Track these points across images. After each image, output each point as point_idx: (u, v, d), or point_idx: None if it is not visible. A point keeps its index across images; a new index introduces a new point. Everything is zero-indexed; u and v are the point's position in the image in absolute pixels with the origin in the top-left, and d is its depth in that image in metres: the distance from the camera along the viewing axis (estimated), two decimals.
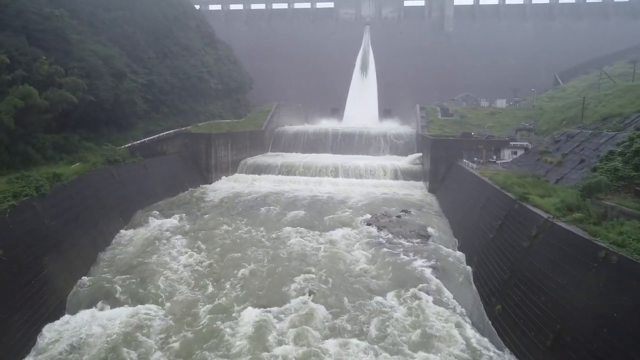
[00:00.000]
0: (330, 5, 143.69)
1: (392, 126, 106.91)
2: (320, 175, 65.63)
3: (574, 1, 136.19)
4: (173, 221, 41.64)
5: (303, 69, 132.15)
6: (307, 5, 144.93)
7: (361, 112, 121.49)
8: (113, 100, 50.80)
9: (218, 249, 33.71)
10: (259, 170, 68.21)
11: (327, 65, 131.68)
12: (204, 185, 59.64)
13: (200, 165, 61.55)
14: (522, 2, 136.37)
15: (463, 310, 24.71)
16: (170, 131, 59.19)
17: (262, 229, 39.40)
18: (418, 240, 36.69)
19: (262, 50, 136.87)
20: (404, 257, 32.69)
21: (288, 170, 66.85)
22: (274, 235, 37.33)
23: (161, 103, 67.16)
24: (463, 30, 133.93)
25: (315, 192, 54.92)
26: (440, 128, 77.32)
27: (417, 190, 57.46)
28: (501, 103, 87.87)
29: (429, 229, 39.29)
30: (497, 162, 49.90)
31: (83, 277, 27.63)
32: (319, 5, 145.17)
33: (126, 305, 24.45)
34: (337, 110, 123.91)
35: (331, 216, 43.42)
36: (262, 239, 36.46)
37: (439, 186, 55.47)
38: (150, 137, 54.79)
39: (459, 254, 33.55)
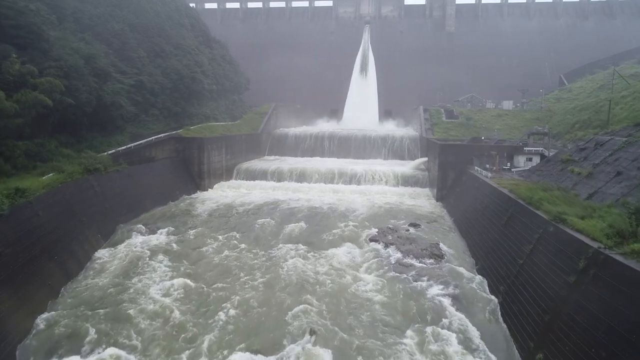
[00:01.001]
0: (329, 3, 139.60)
1: (394, 128, 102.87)
2: (320, 181, 61.60)
3: (578, 0, 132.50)
4: (159, 237, 37.38)
5: (301, 69, 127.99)
6: (305, 3, 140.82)
7: (361, 113, 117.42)
8: (96, 103, 46.45)
9: (206, 274, 29.45)
10: (254, 176, 64.01)
11: (325, 65, 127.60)
12: (195, 194, 55.41)
13: (192, 171, 57.27)
14: (525, 1, 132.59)
15: (494, 357, 20.56)
16: (159, 135, 54.89)
17: (256, 247, 35.17)
18: (431, 260, 32.54)
19: (259, 49, 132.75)
20: (418, 282, 28.53)
21: (285, 176, 62.72)
22: (269, 255, 33.11)
23: (151, 105, 62.76)
24: (465, 29, 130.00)
25: (314, 202, 50.73)
26: (445, 131, 73.36)
27: (424, 199, 53.32)
28: (508, 104, 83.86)
29: (442, 247, 35.14)
30: (512, 170, 45.81)
31: (42, 315, 23.29)
32: (317, 3, 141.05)
33: (91, 356, 20.17)
34: (336, 111, 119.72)
35: (333, 231, 39.20)
36: (256, 260, 32.22)
37: (447, 194, 51.37)
38: (137, 143, 50.49)
39: (478, 278, 29.39)
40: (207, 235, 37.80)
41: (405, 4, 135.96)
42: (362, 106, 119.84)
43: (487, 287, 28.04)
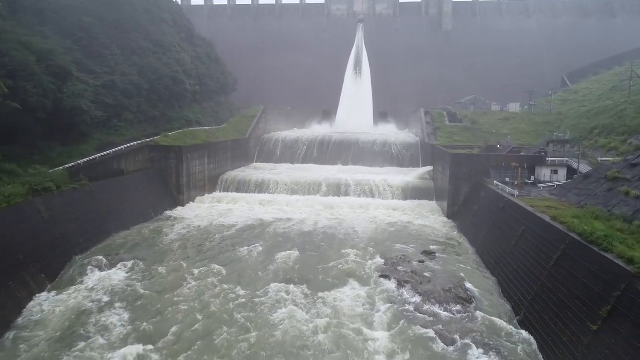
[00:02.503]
0: (321, 0, 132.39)
1: (391, 132, 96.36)
2: (314, 193, 54.68)
3: None
4: (119, 273, 30.10)
5: (292, 68, 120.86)
6: (296, 0, 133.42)
7: (355, 115, 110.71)
8: (52, 107, 39.04)
9: (173, 335, 22.26)
10: (241, 187, 56.81)
11: (317, 64, 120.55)
12: (173, 211, 48.01)
13: (169, 184, 49.92)
14: None
15: None
16: (131, 144, 47.47)
17: (239, 286, 28.01)
18: (458, 307, 25.69)
19: (248, 48, 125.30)
20: (448, 345, 21.72)
21: (275, 188, 55.63)
22: (255, 301, 26.00)
23: (124, 108, 55.29)
24: (462, 28, 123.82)
25: (308, 221, 43.62)
26: (449, 136, 66.84)
27: (433, 217, 46.55)
28: (514, 107, 77.59)
29: (468, 285, 28.33)
30: (537, 185, 39.17)
31: None
32: (309, 0, 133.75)
33: None
34: (328, 113, 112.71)
35: (332, 262, 32.18)
36: (240, 309, 25.08)
37: (461, 212, 44.68)
38: (103, 153, 43.07)
39: (525, 335, 22.69)
40: (180, 270, 30.56)
41: (400, 1, 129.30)
42: (356, 108, 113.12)
43: (537, 350, 21.35)
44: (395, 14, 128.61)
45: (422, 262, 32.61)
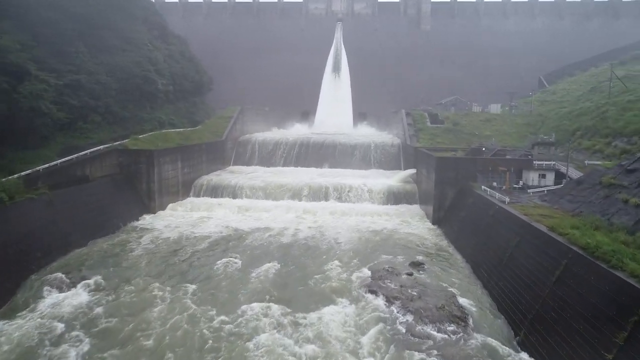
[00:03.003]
0: None
1: (372, 133, 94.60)
2: (294, 198, 52.26)
3: (552, 0, 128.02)
4: (80, 294, 27.05)
5: (270, 68, 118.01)
6: None
7: (334, 116, 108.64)
8: (6, 109, 35.53)
9: None
10: (216, 192, 53.90)
11: (296, 64, 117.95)
12: (143, 219, 44.73)
13: (139, 191, 46.64)
14: (501, 0, 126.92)
15: None
16: (97, 148, 44.02)
17: (214, 307, 25.33)
18: (452, 327, 23.65)
19: (225, 47, 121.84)
20: None
21: (252, 193, 52.98)
22: (231, 327, 23.39)
23: (92, 110, 51.67)
24: (441, 28, 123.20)
25: (288, 229, 41.05)
26: (431, 138, 65.35)
27: (417, 223, 44.65)
28: (495, 108, 76.65)
29: (461, 301, 26.37)
30: (527, 190, 37.61)
31: None
32: None
33: None
34: (307, 113, 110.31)
35: (315, 277, 29.78)
36: (215, 337, 22.44)
37: (447, 217, 42.90)
38: (66, 158, 39.58)
39: (526, 358, 20.82)
40: (149, 290, 27.65)
41: (378, 1, 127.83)
42: (335, 108, 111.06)
43: None
44: (374, 14, 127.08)
45: (410, 274, 30.53)
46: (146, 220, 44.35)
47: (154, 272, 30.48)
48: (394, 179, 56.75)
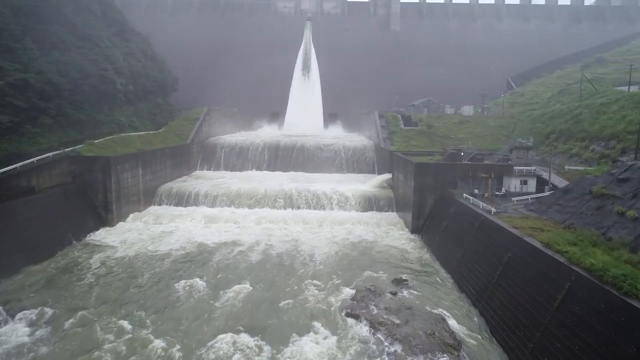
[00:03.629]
0: None
1: (343, 135, 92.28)
2: (265, 206, 49.16)
3: (518, 2, 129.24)
4: (18, 329, 23.11)
5: (238, 67, 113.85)
6: None
7: (304, 117, 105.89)
8: None
9: None
10: (181, 200, 50.09)
11: (265, 63, 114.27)
12: (98, 233, 40.39)
13: (95, 202, 42.31)
14: (468, 2, 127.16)
15: None
16: (46, 155, 39.48)
17: (176, 346, 21.93)
18: (446, 357, 21.21)
19: (191, 46, 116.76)
20: None
21: (221, 200, 49.52)
22: None
23: (41, 112, 46.76)
24: (411, 29, 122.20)
25: (260, 243, 37.67)
26: (405, 140, 63.35)
27: (396, 232, 42.28)
28: (468, 110, 75.49)
29: (452, 324, 24.00)
30: (512, 199, 35.71)
31: None
32: None
33: None
34: (277, 114, 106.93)
35: (291, 300, 26.74)
36: None
37: (427, 226, 40.70)
38: (7, 168, 34.99)
39: None
40: (99, 322, 23.92)
41: (348, 0, 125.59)
42: (305, 109, 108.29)
43: None
44: (343, 13, 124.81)
45: (394, 294, 27.97)
46: (102, 235, 40.03)
47: (107, 300, 26.67)
48: (369, 184, 54.34)
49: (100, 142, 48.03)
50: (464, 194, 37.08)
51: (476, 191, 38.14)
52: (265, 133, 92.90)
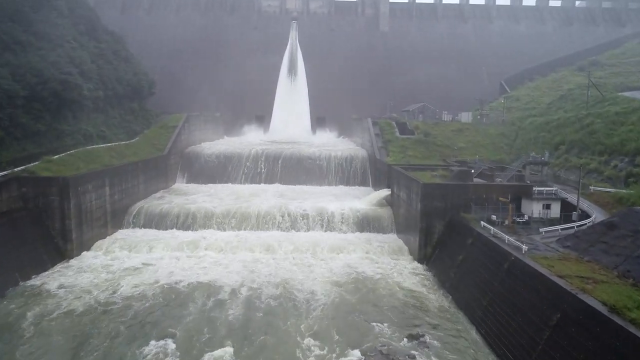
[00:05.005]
0: None
1: (331, 140, 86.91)
2: (250, 227, 43.32)
3: (509, 3, 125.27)
4: None
5: (221, 69, 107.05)
6: None
7: (291, 121, 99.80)
8: None
9: None
10: (153, 221, 43.90)
11: (249, 65, 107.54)
12: (53, 270, 33.78)
13: (51, 230, 35.75)
14: (458, 2, 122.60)
15: None
16: None
17: None
18: None
19: (171, 46, 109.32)
20: None
21: (200, 222, 43.56)
22: None
23: None
24: (400, 30, 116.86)
25: (244, 284, 31.14)
26: (401, 150, 57.98)
27: (401, 261, 36.75)
28: (466, 117, 70.47)
29: None
30: (540, 230, 30.34)
31: None
32: None
33: None
34: (262, 118, 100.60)
35: None
36: None
37: (437, 257, 35.23)
38: None
39: None
40: None
41: (335, 0, 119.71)
42: (292, 113, 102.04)
43: None
44: (330, 13, 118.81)
45: (412, 358, 22.39)
46: (60, 269, 33.48)
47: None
48: (366, 201, 48.76)
49: (60, 157, 41.30)
50: (481, 222, 31.71)
51: (494, 217, 32.83)
52: (250, 138, 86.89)
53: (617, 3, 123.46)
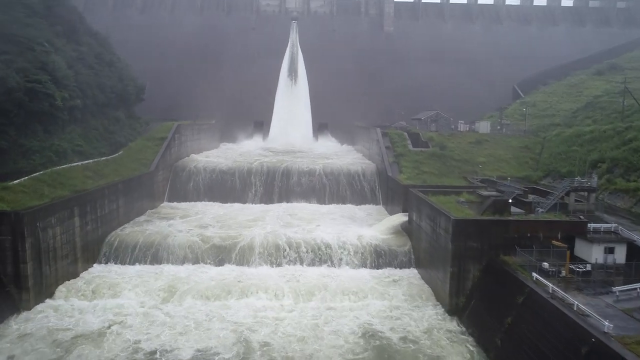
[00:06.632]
0: None
1: (335, 149, 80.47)
2: (244, 263, 37.13)
3: (519, 3, 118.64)
4: None
5: (218, 72, 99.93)
6: None
7: (291, 127, 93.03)
8: None
9: None
10: (131, 255, 37.15)
11: (247, 68, 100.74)
12: (3, 325, 27.09)
13: (2, 277, 28.84)
14: (466, 2, 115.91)
15: None
16: None
17: None
18: None
19: (163, 48, 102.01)
20: None
21: (190, 257, 36.88)
22: None
23: None
24: (405, 30, 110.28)
25: (239, 338, 24.89)
26: (416, 166, 51.36)
27: (427, 312, 29.96)
28: (485, 127, 63.61)
29: None
30: (612, 289, 23.48)
31: None
32: None
33: None
34: (261, 124, 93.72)
35: None
36: None
37: (471, 309, 28.49)
38: None
39: None
40: None
41: None
42: (292, 118, 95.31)
43: None
44: (332, 13, 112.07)
45: None
46: (11, 325, 26.68)
47: None
48: (379, 228, 41.94)
49: (21, 182, 34.21)
50: (533, 274, 24.98)
51: (545, 265, 26.09)
52: (248, 146, 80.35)
53: (633, 2, 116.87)
